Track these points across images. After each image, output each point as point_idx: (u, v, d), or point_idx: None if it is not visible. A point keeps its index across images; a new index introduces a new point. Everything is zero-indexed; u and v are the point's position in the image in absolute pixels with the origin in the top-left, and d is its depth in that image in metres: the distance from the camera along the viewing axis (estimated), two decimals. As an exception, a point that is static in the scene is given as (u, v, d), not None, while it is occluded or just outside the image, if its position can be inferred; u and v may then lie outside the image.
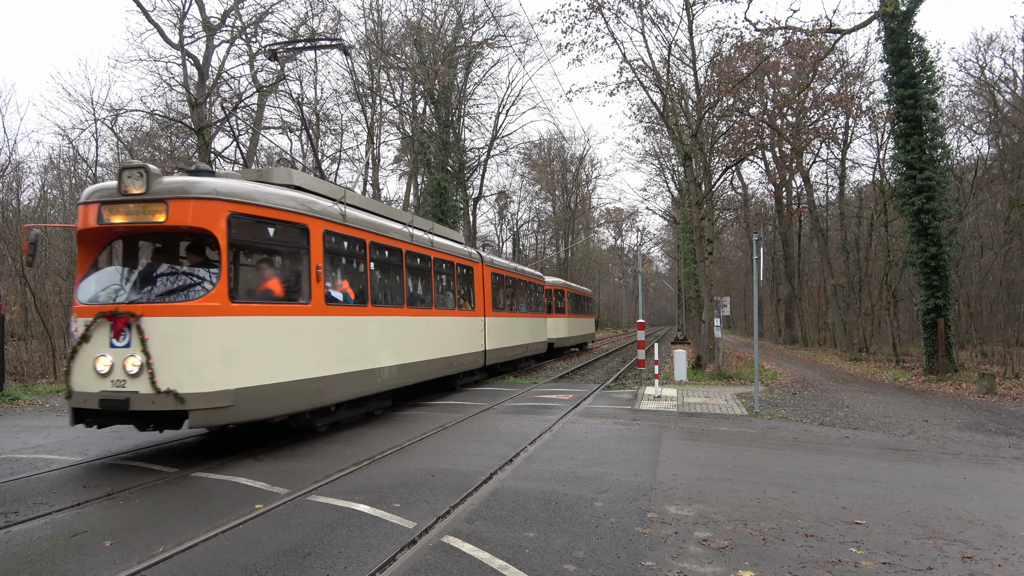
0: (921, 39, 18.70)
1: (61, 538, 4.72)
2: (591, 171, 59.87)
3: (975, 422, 11.35)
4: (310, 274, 8.03)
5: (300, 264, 8.08)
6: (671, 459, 7.50)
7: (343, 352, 8.79)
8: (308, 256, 8.06)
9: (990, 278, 27.66)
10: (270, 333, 7.39)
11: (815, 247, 37.33)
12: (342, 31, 24.70)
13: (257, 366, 7.16)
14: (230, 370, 6.84)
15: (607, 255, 75.51)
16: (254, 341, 7.16)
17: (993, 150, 30.85)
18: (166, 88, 21.77)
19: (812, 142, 25.71)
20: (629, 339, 47.29)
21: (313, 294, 8.03)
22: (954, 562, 4.37)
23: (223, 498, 5.75)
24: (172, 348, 6.56)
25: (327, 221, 8.52)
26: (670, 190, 43.46)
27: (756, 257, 12.48)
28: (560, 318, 26.50)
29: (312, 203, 8.29)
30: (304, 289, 7.99)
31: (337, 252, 8.96)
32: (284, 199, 7.78)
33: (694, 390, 15.03)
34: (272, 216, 7.57)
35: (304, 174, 8.96)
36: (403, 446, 8.06)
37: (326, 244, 8.44)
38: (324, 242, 8.37)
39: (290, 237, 7.94)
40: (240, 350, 7.00)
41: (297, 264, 8.12)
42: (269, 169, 8.56)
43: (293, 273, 8.12)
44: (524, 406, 11.94)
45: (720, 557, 4.36)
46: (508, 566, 4.15)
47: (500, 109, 37.13)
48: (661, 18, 19.49)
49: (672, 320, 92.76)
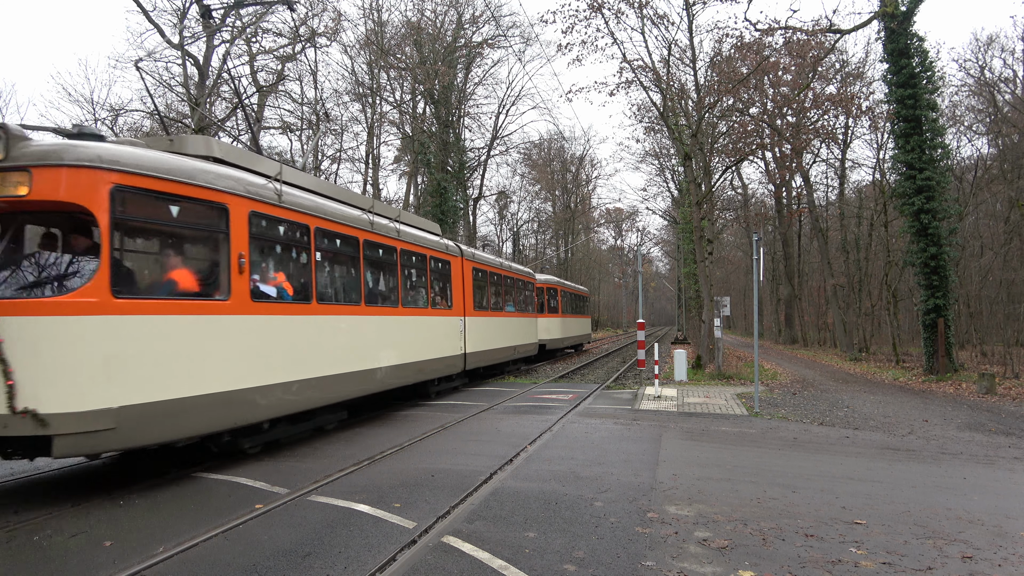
0: (921, 39, 18.71)
1: (60, 538, 4.72)
2: (591, 171, 59.96)
3: (975, 422, 11.35)
4: (230, 264, 6.72)
5: (217, 252, 6.77)
6: (671, 459, 7.50)
7: (277, 358, 7.43)
8: (227, 242, 6.72)
9: (990, 278, 27.67)
10: (171, 336, 6.04)
11: (815, 247, 37.33)
12: (342, 31, 24.72)
13: (152, 378, 5.85)
14: (112, 384, 5.53)
15: (607, 255, 75.55)
16: (148, 346, 5.84)
17: (993, 150, 30.89)
18: (166, 88, 21.78)
19: (812, 142, 25.73)
20: (629, 339, 47.30)
21: (234, 288, 6.72)
22: (954, 562, 4.37)
23: (223, 498, 5.75)
24: (34, 356, 5.28)
25: (255, 201, 7.17)
26: (670, 190, 43.52)
27: (756, 257, 12.48)
28: (553, 318, 25.61)
29: (234, 178, 6.95)
30: (222, 282, 6.66)
31: (270, 239, 7.66)
32: (194, 171, 6.43)
33: (694, 390, 15.03)
34: (176, 191, 6.20)
35: (228, 144, 7.70)
36: (403, 446, 8.06)
37: (254, 229, 7.14)
38: (251, 226, 7.08)
39: (202, 218, 6.60)
40: (128, 358, 5.67)
41: (213, 252, 6.83)
42: (183, 136, 7.22)
43: (207, 263, 6.85)
44: (524, 406, 11.94)
45: (720, 557, 4.36)
46: (508, 566, 4.15)
47: (500, 109, 37.18)
48: (661, 18, 19.53)
49: (672, 320, 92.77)
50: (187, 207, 6.41)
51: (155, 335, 5.92)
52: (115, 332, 5.61)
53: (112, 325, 5.59)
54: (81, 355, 5.45)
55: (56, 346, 5.37)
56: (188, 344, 6.23)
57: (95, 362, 5.49)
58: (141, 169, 5.92)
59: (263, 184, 7.42)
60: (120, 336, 5.64)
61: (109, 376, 5.54)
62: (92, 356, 5.48)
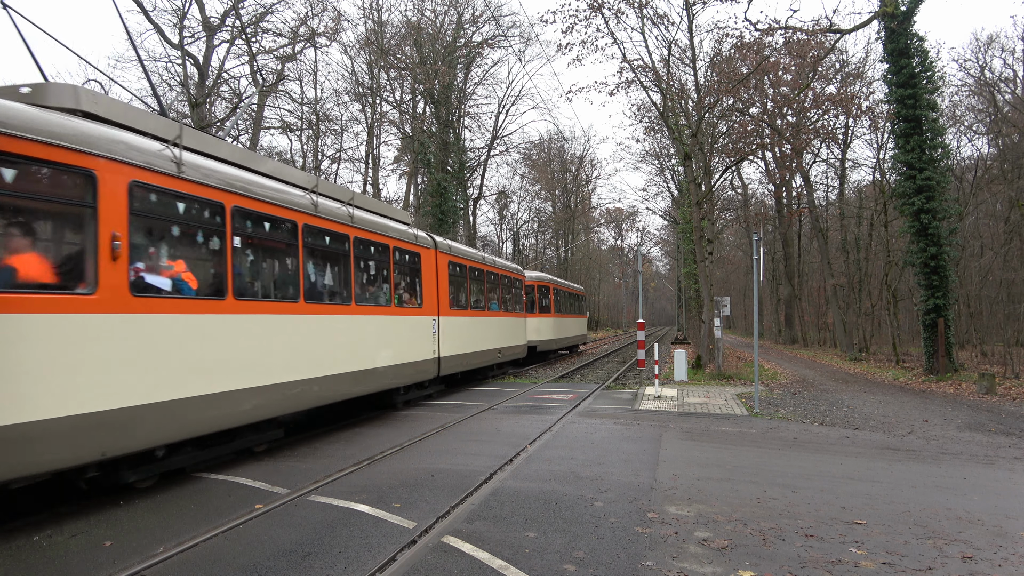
0: (921, 39, 18.72)
1: (60, 538, 4.72)
2: (591, 171, 60.00)
3: (975, 422, 11.35)
4: (98, 248, 5.27)
5: (80, 232, 5.41)
6: (671, 459, 7.50)
7: (173, 367, 5.98)
8: (95, 219, 5.28)
9: (990, 278, 27.67)
10: (8, 340, 4.67)
11: (815, 247, 37.34)
12: (342, 31, 24.72)
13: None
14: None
15: (607, 255, 75.58)
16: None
17: (993, 150, 30.90)
18: (166, 88, 21.79)
19: (812, 142, 25.72)
20: (629, 339, 47.32)
21: (103, 278, 5.29)
22: (954, 562, 4.37)
23: (223, 498, 5.75)
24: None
25: (141, 169, 5.77)
26: (670, 190, 43.55)
27: (756, 257, 12.48)
28: (544, 317, 24.29)
29: (110, 139, 5.55)
30: (87, 271, 5.25)
31: (164, 218, 6.22)
32: (45, 124, 5.02)
33: (694, 390, 15.03)
34: (18, 150, 4.81)
35: (106, 97, 6.28)
36: (403, 446, 8.06)
37: (137, 204, 5.71)
38: (133, 200, 5.64)
39: (58, 187, 5.26)
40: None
41: (74, 232, 5.54)
42: (43, 85, 5.62)
43: (66, 245, 5.58)
44: (524, 406, 11.94)
45: (720, 557, 4.36)
46: (508, 566, 4.15)
47: (500, 109, 37.19)
48: (661, 18, 19.56)
49: (672, 320, 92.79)
50: (33, 171, 4.99)
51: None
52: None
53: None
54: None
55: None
56: (28, 349, 4.75)
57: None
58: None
59: (156, 150, 6.05)
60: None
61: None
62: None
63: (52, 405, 4.88)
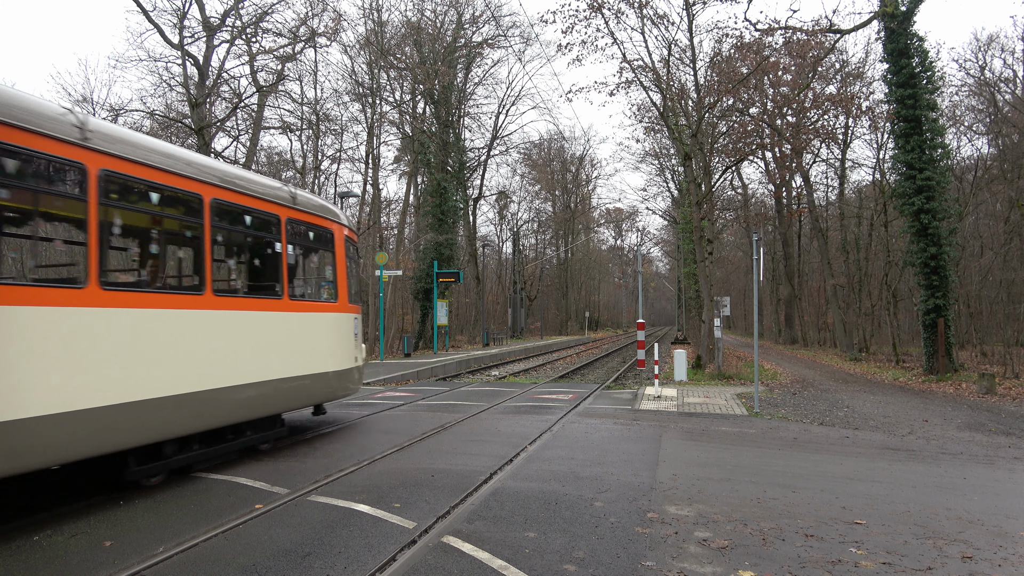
0: (921, 39, 18.72)
1: (60, 538, 4.72)
2: (591, 171, 60.06)
3: (975, 422, 11.35)
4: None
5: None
6: (671, 459, 7.50)
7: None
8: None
9: (990, 278, 27.66)
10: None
11: (815, 247, 37.34)
12: (342, 31, 24.72)
13: None
14: None
15: (607, 255, 75.61)
16: None
17: (993, 150, 30.89)
18: (166, 88, 21.79)
19: (812, 142, 25.74)
20: (629, 339, 47.32)
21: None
22: (954, 562, 4.37)
23: (223, 498, 5.75)
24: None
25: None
26: (670, 190, 43.58)
27: (756, 257, 12.48)
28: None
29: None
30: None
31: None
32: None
33: (694, 390, 15.03)
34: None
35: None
36: (403, 446, 8.05)
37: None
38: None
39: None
40: None
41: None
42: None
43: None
44: (524, 406, 11.94)
45: (720, 557, 4.36)
46: (508, 566, 4.15)
47: (500, 109, 37.21)
48: (661, 18, 19.55)
49: (672, 320, 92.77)
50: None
51: None
52: None
53: None
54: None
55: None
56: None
57: None
58: None
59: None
60: None
61: None
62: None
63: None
